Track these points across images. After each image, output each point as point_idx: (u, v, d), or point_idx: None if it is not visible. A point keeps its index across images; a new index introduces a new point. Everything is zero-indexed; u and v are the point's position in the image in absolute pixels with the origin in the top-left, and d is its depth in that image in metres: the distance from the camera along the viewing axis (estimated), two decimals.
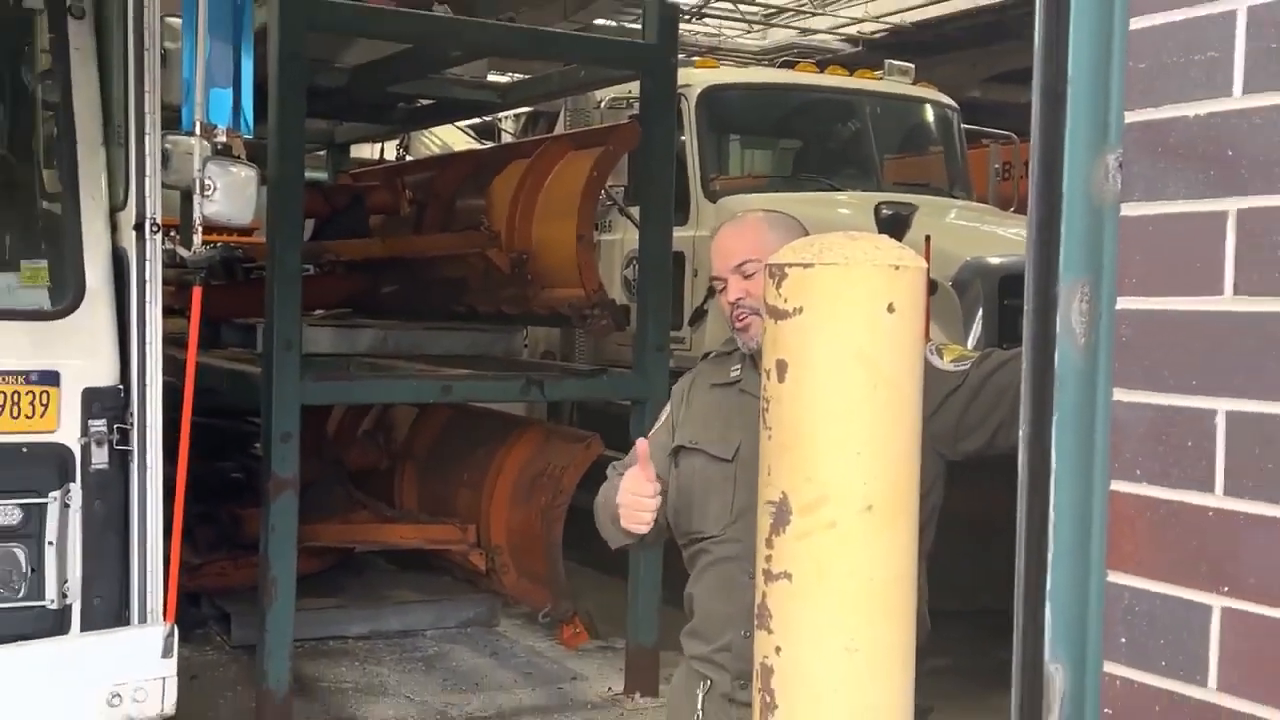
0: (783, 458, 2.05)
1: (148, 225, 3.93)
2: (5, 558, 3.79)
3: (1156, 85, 1.58)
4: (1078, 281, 1.70)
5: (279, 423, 5.69)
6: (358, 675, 6.74)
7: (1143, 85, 1.60)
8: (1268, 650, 1.46)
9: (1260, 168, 1.47)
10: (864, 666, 2.01)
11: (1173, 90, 1.56)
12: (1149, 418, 1.59)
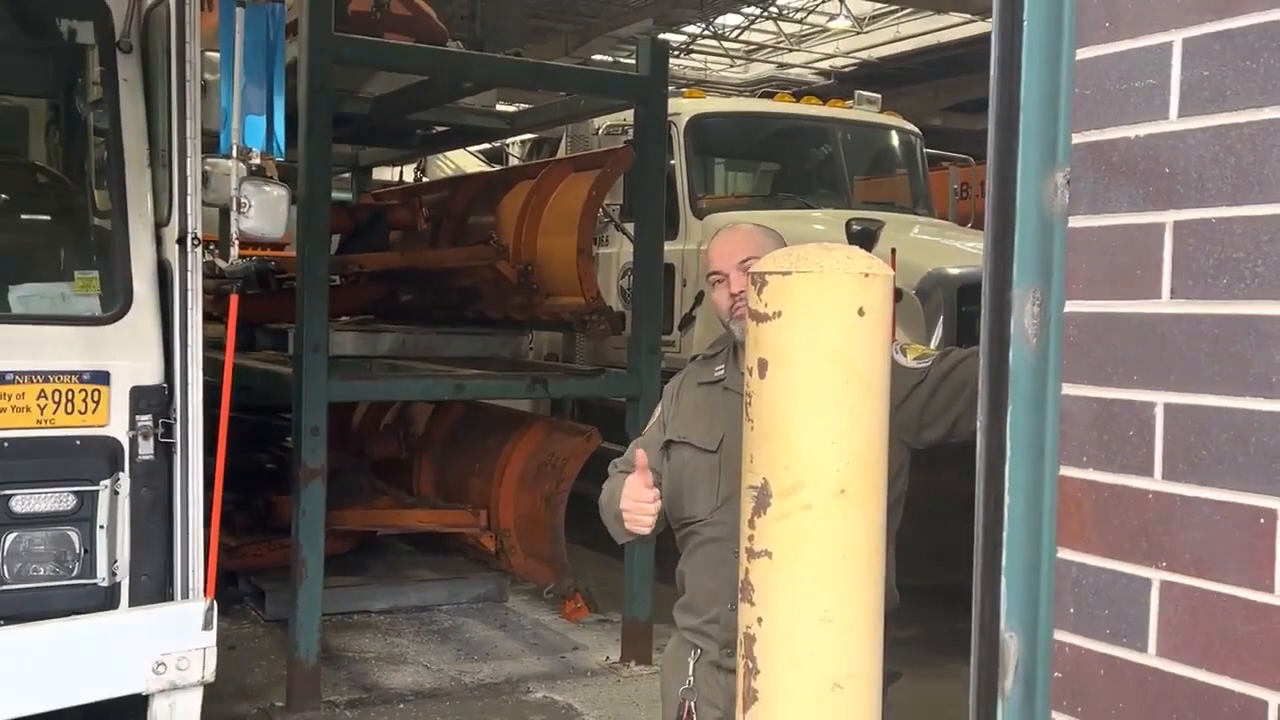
0: (764, 447, 2.05)
1: (189, 239, 3.92)
2: (61, 540, 3.78)
3: (1100, 110, 1.58)
4: (1030, 287, 1.70)
5: (308, 418, 5.68)
6: (380, 646, 6.73)
7: (1088, 110, 1.60)
8: (1202, 619, 1.46)
9: (1194, 183, 1.47)
10: (838, 635, 2.01)
11: (1115, 114, 1.56)
12: (1094, 410, 1.59)
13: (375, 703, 5.79)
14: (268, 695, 5.77)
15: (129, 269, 4.00)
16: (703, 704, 2.67)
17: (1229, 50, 1.43)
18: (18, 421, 3.70)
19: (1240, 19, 1.43)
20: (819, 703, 2.00)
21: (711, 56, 20.90)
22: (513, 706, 5.80)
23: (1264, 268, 1.40)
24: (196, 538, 3.88)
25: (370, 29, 6.37)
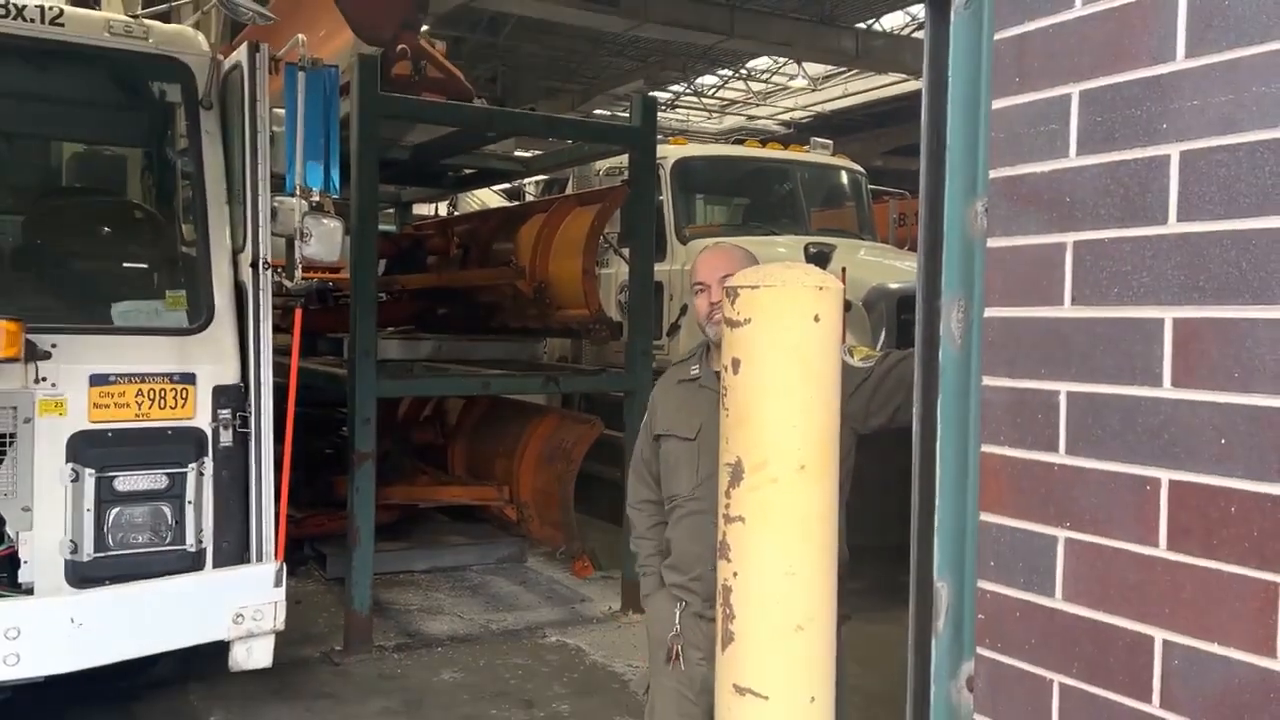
0: (737, 430, 2.05)
1: (261, 263, 3.92)
2: (156, 513, 3.77)
3: (1012, 150, 1.59)
4: (955, 297, 1.70)
5: (361, 410, 5.67)
6: (421, 600, 6.71)
7: (1002, 150, 1.60)
8: (1099, 569, 1.46)
9: (1089, 210, 1.47)
10: (800, 586, 2.01)
11: (1024, 153, 1.57)
12: (1009, 397, 1.59)
13: (418, 647, 5.77)
14: (328, 641, 5.75)
15: (211, 288, 3.99)
16: (688, 647, 2.66)
17: (1118, 100, 1.44)
18: (120, 415, 3.70)
19: (1127, 74, 1.43)
20: (785, 641, 2.00)
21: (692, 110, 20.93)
22: (531, 648, 5.79)
23: (1147, 278, 1.40)
24: (268, 511, 3.87)
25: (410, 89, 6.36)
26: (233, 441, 3.89)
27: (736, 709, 2.04)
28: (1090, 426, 1.47)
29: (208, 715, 4.73)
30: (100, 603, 3.38)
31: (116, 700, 4.74)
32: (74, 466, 3.62)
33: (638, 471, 2.92)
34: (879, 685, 3.04)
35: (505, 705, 4.94)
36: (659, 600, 2.79)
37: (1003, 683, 1.60)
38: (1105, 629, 1.45)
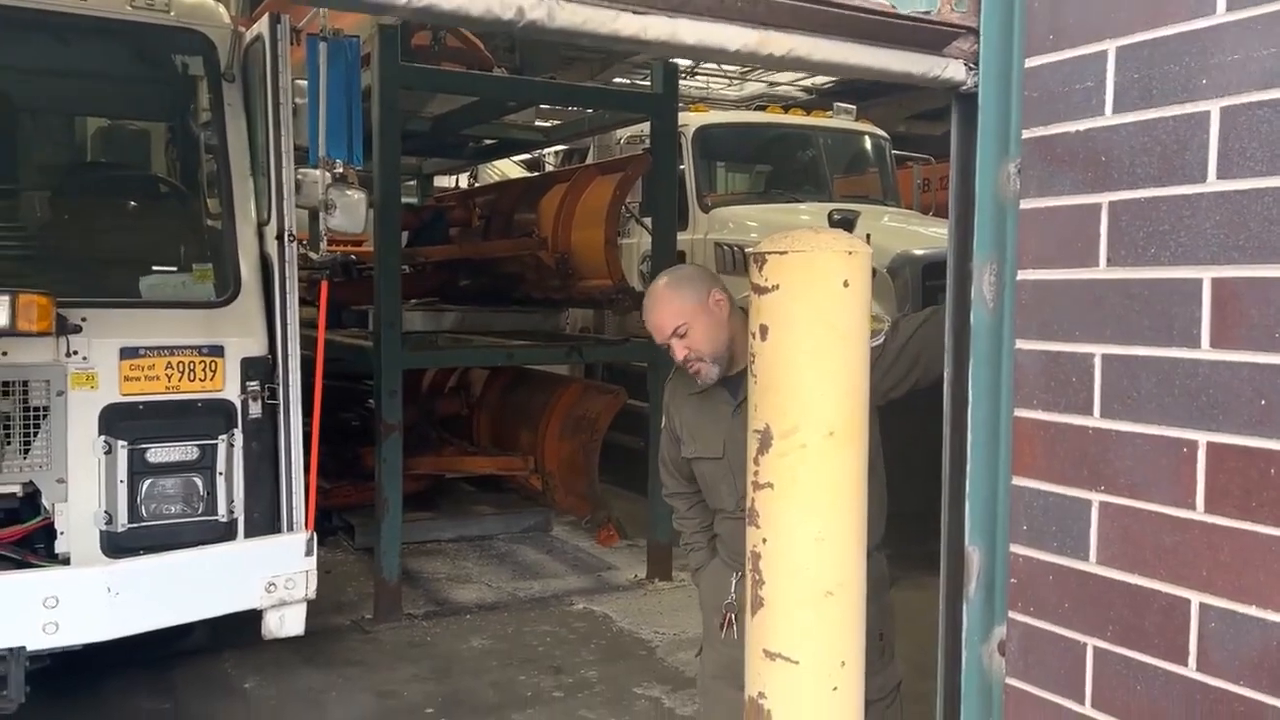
0: (765, 397, 2.04)
1: (286, 236, 3.92)
2: (188, 484, 3.80)
3: (1046, 109, 1.56)
4: (987, 260, 1.68)
5: (386, 382, 5.70)
6: (449, 568, 6.77)
7: (1036, 109, 1.58)
8: (1134, 532, 1.45)
9: (1125, 169, 1.45)
10: (829, 552, 2.00)
11: (1059, 112, 1.54)
12: (1043, 361, 1.58)
13: (446, 614, 5.83)
14: (359, 610, 5.81)
15: (237, 261, 4.01)
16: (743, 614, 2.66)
17: (1156, 55, 1.41)
18: (150, 388, 3.73)
19: (1165, 29, 1.40)
20: (815, 607, 1.99)
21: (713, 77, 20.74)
22: (558, 616, 5.83)
23: (1186, 238, 1.38)
24: (298, 481, 3.89)
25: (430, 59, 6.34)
26: (261, 413, 3.91)
27: (767, 674, 2.04)
28: (1126, 389, 1.45)
29: (242, 682, 4.80)
30: (135, 572, 3.42)
31: (153, 668, 4.82)
32: (106, 439, 3.66)
33: (665, 467, 2.90)
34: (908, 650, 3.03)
35: (534, 671, 4.99)
36: (713, 570, 2.78)
37: (1035, 646, 1.60)
38: (1141, 592, 1.44)
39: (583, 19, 1.41)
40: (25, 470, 3.61)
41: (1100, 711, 1.50)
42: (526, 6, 1.36)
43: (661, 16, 1.46)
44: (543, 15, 1.38)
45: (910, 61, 1.66)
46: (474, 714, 4.49)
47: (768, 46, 1.54)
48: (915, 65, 1.66)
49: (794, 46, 1.56)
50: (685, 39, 1.49)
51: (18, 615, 3.18)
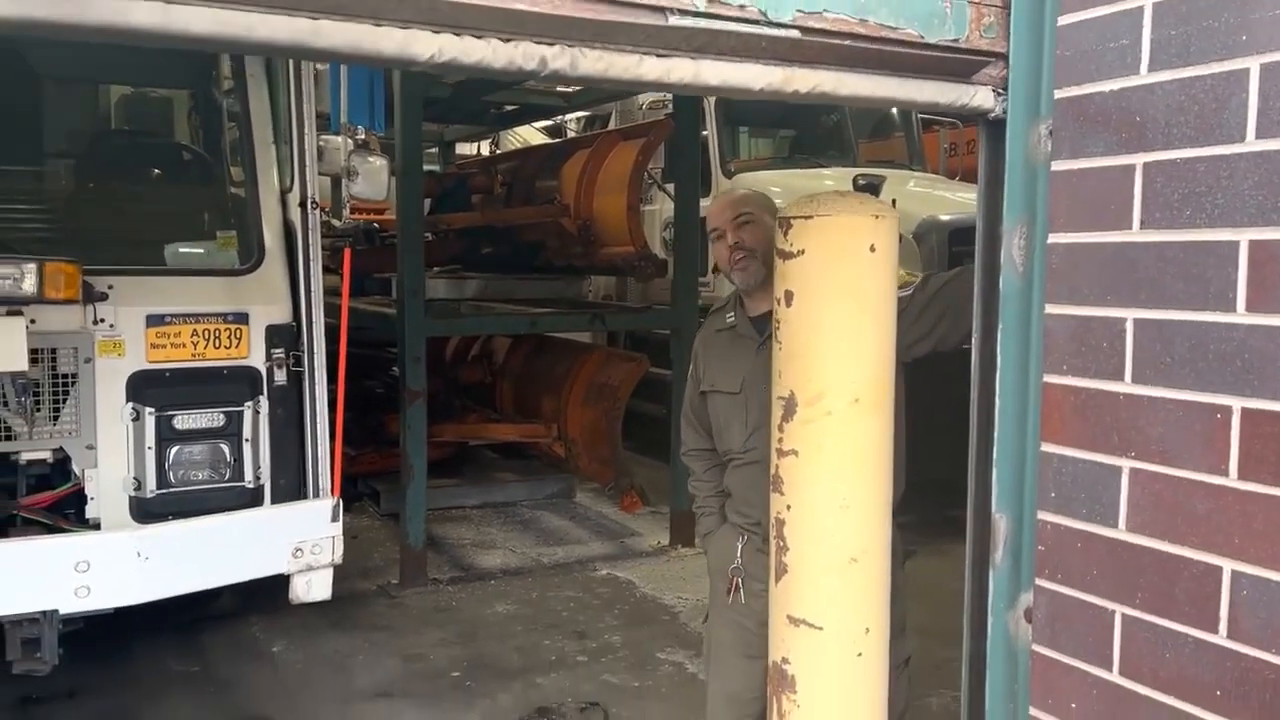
0: (790, 364, 2.03)
1: (309, 203, 3.92)
2: (215, 451, 3.83)
3: (1079, 68, 1.53)
4: (1017, 223, 1.65)
5: (410, 349, 5.71)
6: (473, 534, 6.82)
7: (1068, 69, 1.54)
8: (1166, 499, 1.43)
9: (1161, 129, 1.42)
10: (854, 519, 2.00)
11: (1092, 72, 1.51)
12: (1073, 325, 1.55)
13: (472, 580, 5.88)
14: (385, 575, 5.87)
15: (261, 228, 4.01)
16: (749, 580, 2.67)
17: (1194, 11, 1.37)
18: (176, 356, 3.75)
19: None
20: (840, 573, 1.99)
21: None
22: (582, 581, 5.87)
23: (1222, 199, 1.35)
24: (323, 448, 3.91)
25: None
26: (287, 380, 3.93)
27: (791, 639, 2.04)
28: (1159, 354, 1.43)
29: (270, 646, 4.87)
30: (164, 537, 3.46)
31: (182, 632, 4.90)
32: (134, 406, 3.69)
33: (688, 419, 2.91)
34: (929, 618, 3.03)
35: (558, 636, 5.03)
36: (721, 535, 2.79)
37: (1063, 613, 1.59)
38: (1171, 560, 1.42)
39: (605, 65, 1.41)
40: (55, 436, 3.65)
41: (1128, 679, 1.49)
42: (549, 56, 1.36)
43: (684, 59, 1.45)
44: (565, 64, 1.37)
45: (938, 91, 1.65)
46: (499, 678, 4.54)
47: (792, 84, 1.53)
48: (943, 95, 1.65)
49: (819, 82, 1.55)
50: (709, 80, 1.49)
51: (50, 579, 3.22)
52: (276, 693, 4.38)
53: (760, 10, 1.44)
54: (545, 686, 4.44)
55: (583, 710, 4.12)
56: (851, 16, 1.50)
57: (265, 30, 1.18)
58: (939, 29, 1.58)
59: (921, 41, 1.56)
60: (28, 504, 3.71)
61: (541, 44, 1.34)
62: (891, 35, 1.54)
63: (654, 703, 4.28)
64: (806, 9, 1.47)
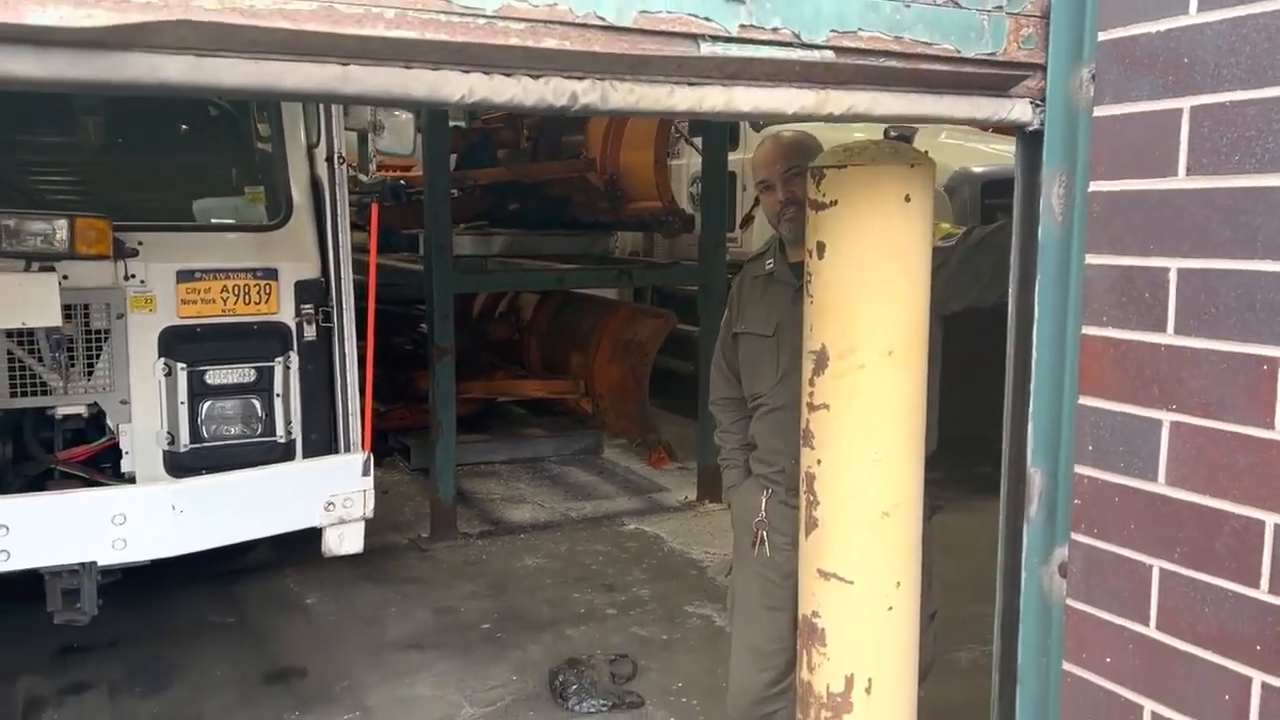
0: (822, 317, 2.00)
1: (335, 158, 3.90)
2: (246, 406, 3.86)
3: (1124, 9, 1.47)
4: (1057, 171, 1.61)
5: (438, 306, 5.72)
6: (502, 489, 6.87)
7: (1113, 9, 1.49)
8: (1207, 453, 1.40)
9: (1210, 71, 1.37)
10: (886, 473, 1.98)
11: (1138, 12, 1.45)
12: (1114, 276, 1.52)
13: (501, 534, 5.93)
14: (415, 529, 5.93)
15: (288, 184, 4.00)
16: (773, 533, 2.67)
17: None
18: (207, 311, 3.77)
19: None
20: (871, 527, 1.98)
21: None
22: (611, 535, 5.90)
23: (1274, 144, 1.30)
24: (354, 404, 3.93)
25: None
26: (316, 336, 3.94)
27: (821, 593, 2.04)
28: (1203, 304, 1.39)
29: (305, 598, 4.94)
30: (198, 490, 3.50)
31: (218, 584, 4.98)
32: (166, 361, 3.72)
33: (718, 367, 2.89)
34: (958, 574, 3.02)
35: (587, 589, 5.06)
36: (745, 489, 2.79)
37: (1098, 568, 1.56)
38: (1212, 513, 1.40)
39: (637, 97, 1.38)
40: (90, 391, 3.68)
41: (1165, 633, 1.47)
42: (579, 92, 1.34)
43: (716, 87, 1.42)
44: (596, 99, 1.35)
45: (974, 106, 1.60)
46: (530, 630, 4.58)
47: (826, 106, 1.50)
48: (979, 110, 1.61)
49: (854, 103, 1.51)
50: (741, 107, 1.45)
51: (88, 531, 3.27)
52: (311, 643, 4.46)
53: (793, 32, 1.40)
54: (575, 638, 4.48)
55: (612, 662, 4.16)
56: (886, 34, 1.47)
57: (295, 79, 1.19)
58: (975, 42, 1.54)
59: (958, 56, 1.52)
60: (64, 458, 3.77)
61: (571, 79, 1.32)
62: (927, 51, 1.50)
63: (682, 655, 4.31)
64: (840, 28, 1.43)
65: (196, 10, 1.09)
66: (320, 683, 4.09)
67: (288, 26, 1.13)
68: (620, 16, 1.29)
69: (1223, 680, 1.40)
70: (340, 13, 1.15)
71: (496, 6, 1.22)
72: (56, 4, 1.03)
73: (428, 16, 1.20)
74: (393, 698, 3.96)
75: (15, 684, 4.03)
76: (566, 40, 1.27)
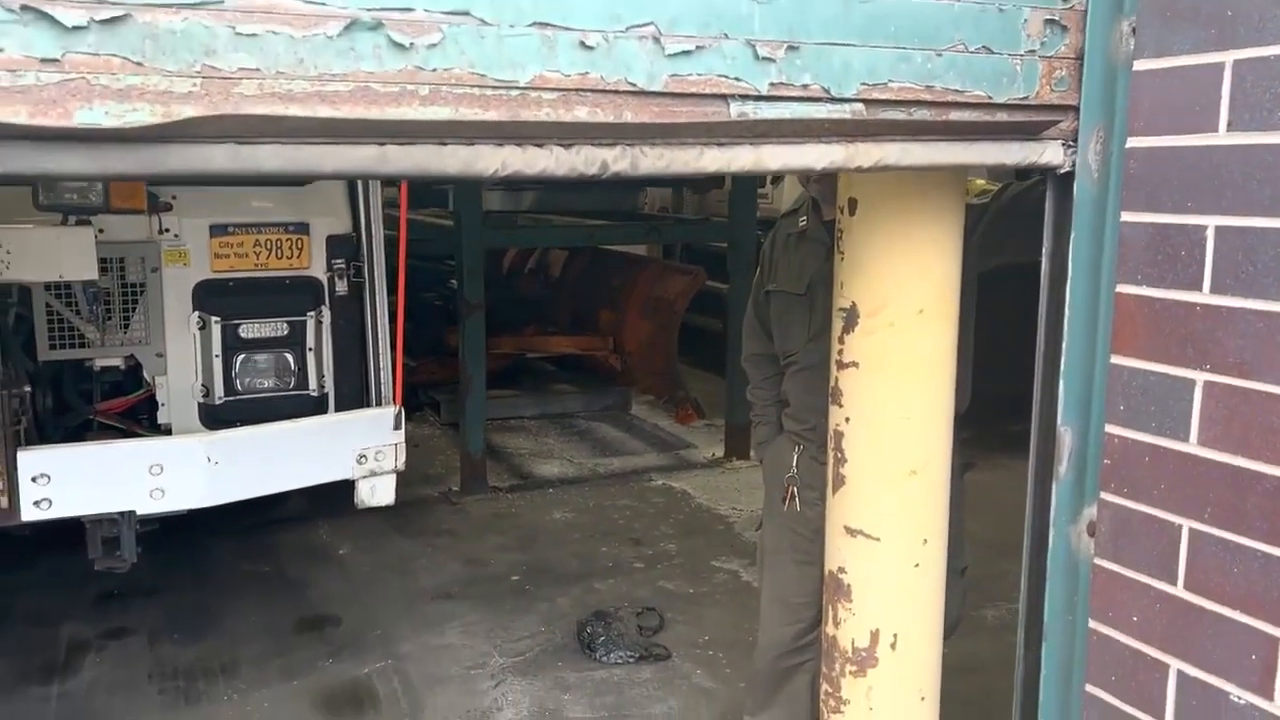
0: (853, 274, 1.99)
1: None
2: (279, 360, 3.90)
3: None
4: (1095, 126, 1.58)
5: (468, 261, 5.74)
6: (532, 444, 6.92)
7: None
8: (1241, 413, 1.39)
9: (1254, 23, 1.34)
10: (914, 431, 1.98)
11: None
12: (1149, 233, 1.49)
13: (530, 488, 5.99)
14: (446, 482, 6.00)
15: None
16: (803, 488, 2.68)
17: None
18: (240, 265, 3.80)
19: None
20: (898, 485, 1.98)
21: None
22: (638, 491, 5.94)
23: None
24: (385, 358, 3.96)
25: None
26: (348, 291, 3.97)
27: (847, 549, 2.05)
28: (1240, 263, 1.37)
29: (338, 549, 5.02)
30: (233, 442, 3.55)
31: (254, 534, 5.07)
32: (200, 314, 3.76)
33: (750, 324, 2.89)
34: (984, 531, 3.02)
35: (614, 543, 5.11)
36: (777, 445, 2.80)
37: (1127, 527, 1.56)
38: (1244, 474, 1.39)
39: (667, 162, 1.38)
40: (126, 344, 3.74)
41: (1193, 593, 1.47)
42: (610, 159, 1.34)
43: (745, 147, 1.42)
44: (626, 165, 1.36)
45: (1004, 152, 1.58)
46: (558, 582, 4.64)
47: (855, 160, 1.49)
48: (1010, 155, 1.59)
49: (883, 155, 1.50)
50: (770, 164, 1.45)
51: (126, 481, 3.34)
52: (344, 593, 4.54)
53: (823, 87, 1.40)
54: (602, 591, 4.53)
55: (639, 614, 4.21)
56: (917, 84, 1.46)
57: (333, 162, 1.21)
58: (1008, 87, 1.52)
59: (989, 102, 1.51)
60: (103, 409, 3.84)
61: (602, 147, 1.33)
62: (958, 99, 1.49)
63: (709, 609, 4.36)
64: (871, 80, 1.43)
65: (238, 101, 1.11)
66: (353, 631, 4.17)
67: (326, 111, 1.15)
68: (651, 81, 1.30)
69: (1249, 640, 1.40)
70: (376, 91, 1.17)
71: (529, 78, 1.24)
72: (103, 101, 1.06)
73: (462, 91, 1.21)
74: (424, 646, 4.04)
75: (58, 628, 4.14)
76: (598, 108, 1.29)
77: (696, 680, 3.80)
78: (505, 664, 3.90)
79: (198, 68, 1.09)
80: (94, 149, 1.10)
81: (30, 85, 1.03)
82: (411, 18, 1.17)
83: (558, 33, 1.24)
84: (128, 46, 1.06)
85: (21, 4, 1.02)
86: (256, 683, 3.77)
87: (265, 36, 1.11)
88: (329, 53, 1.14)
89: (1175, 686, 1.51)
